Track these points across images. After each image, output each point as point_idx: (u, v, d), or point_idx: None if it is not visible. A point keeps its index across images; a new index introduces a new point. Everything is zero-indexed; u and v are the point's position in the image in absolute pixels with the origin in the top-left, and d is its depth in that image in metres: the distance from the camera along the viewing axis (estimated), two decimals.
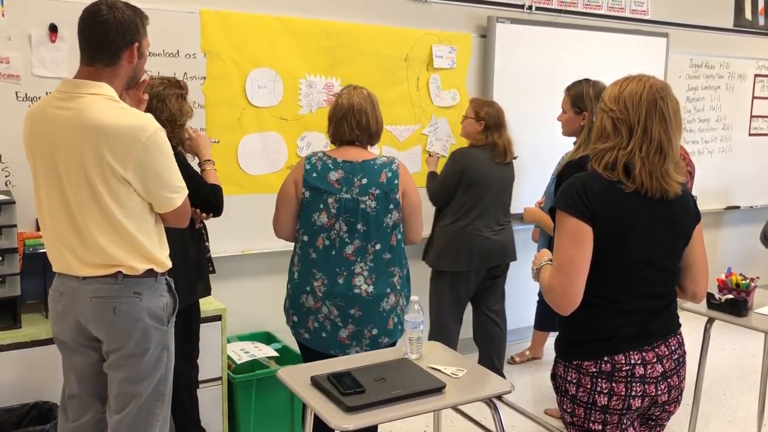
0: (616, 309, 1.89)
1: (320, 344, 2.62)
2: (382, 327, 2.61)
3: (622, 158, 1.85)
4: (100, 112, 1.94)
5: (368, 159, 2.61)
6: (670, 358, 1.93)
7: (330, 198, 2.55)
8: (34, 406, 2.66)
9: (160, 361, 2.12)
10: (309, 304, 2.60)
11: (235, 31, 3.47)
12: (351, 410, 1.89)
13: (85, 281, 2.04)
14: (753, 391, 4.05)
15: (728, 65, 5.51)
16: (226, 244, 3.55)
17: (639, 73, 1.93)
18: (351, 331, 2.59)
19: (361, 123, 2.61)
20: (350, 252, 2.56)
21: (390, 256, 2.61)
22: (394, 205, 2.59)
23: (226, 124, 3.52)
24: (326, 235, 2.57)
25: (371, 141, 2.68)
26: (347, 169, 2.58)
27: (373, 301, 2.58)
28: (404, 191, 2.62)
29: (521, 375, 4.24)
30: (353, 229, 2.55)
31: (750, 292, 3.06)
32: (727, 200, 5.70)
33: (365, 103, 2.62)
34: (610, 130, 1.89)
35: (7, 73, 2.99)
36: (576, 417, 1.93)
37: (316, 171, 2.58)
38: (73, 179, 1.98)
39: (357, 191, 2.56)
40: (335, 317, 2.58)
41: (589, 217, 1.83)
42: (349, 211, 2.55)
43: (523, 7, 4.44)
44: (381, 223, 2.57)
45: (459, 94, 4.22)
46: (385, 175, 2.58)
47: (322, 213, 2.57)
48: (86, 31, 2.01)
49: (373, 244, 2.57)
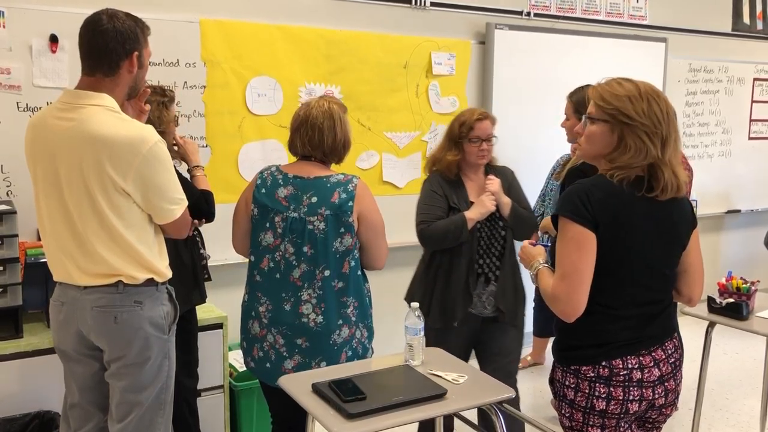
0: (613, 314, 1.89)
1: (264, 375, 2.43)
2: (332, 360, 2.37)
3: (655, 169, 1.85)
4: (100, 123, 1.95)
5: (321, 176, 2.37)
6: (666, 362, 1.94)
7: (277, 216, 2.36)
8: (36, 415, 2.66)
9: (161, 369, 2.12)
10: (255, 330, 2.44)
11: (234, 40, 3.49)
12: (352, 417, 1.88)
13: (86, 290, 2.04)
14: (755, 395, 4.03)
15: (727, 69, 5.52)
16: (226, 252, 3.53)
17: (626, 77, 1.92)
18: (297, 363, 2.38)
19: (313, 139, 2.37)
20: (297, 276, 2.35)
21: (342, 285, 2.37)
22: (345, 229, 2.34)
23: (227, 132, 3.53)
24: (271, 256, 2.38)
25: (328, 159, 2.43)
26: (297, 185, 2.36)
27: (323, 332, 2.36)
28: (361, 214, 2.36)
29: (523, 381, 4.21)
30: (300, 251, 2.34)
31: (751, 295, 3.05)
32: (727, 204, 5.70)
33: (323, 117, 2.37)
34: (649, 144, 1.83)
35: (9, 83, 3.00)
36: (574, 421, 1.93)
37: (266, 187, 2.40)
38: (74, 190, 1.98)
39: (305, 210, 2.34)
40: (280, 346, 2.39)
41: (592, 223, 1.82)
42: (295, 231, 2.34)
43: (521, 14, 4.45)
44: (330, 247, 2.34)
45: (458, 100, 4.23)
46: (338, 194, 2.33)
47: (268, 232, 2.38)
48: (86, 41, 2.02)
49: (321, 270, 2.34)
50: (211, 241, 3.02)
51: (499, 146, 2.92)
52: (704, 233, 2.05)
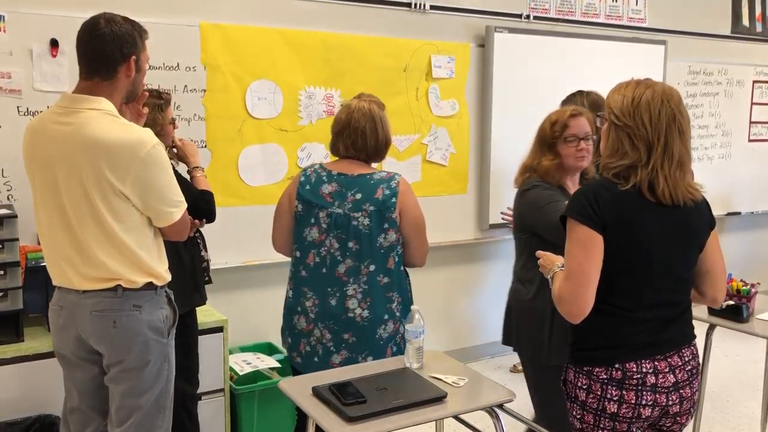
0: (628, 317, 1.88)
1: (311, 370, 2.43)
2: (378, 355, 2.43)
3: (646, 176, 1.83)
4: (98, 127, 1.95)
5: (365, 173, 2.45)
6: (683, 369, 1.91)
7: (321, 212, 2.42)
8: (37, 419, 2.66)
9: (160, 373, 2.12)
10: (301, 325, 2.48)
11: (234, 44, 3.50)
12: (352, 420, 1.88)
13: (85, 295, 2.04)
14: (756, 397, 4.03)
15: (726, 72, 5.52)
16: (227, 256, 3.56)
17: (645, 78, 1.90)
18: (344, 357, 2.43)
19: (357, 142, 2.44)
20: (342, 271, 2.41)
21: (387, 280, 2.43)
22: (389, 225, 2.40)
23: (227, 135, 3.53)
24: (317, 251, 2.43)
25: (371, 159, 2.50)
26: (341, 182, 2.43)
27: (369, 326, 2.41)
28: (403, 210, 2.42)
29: (522, 384, 4.23)
30: (345, 247, 2.40)
31: (751, 298, 3.05)
32: (727, 206, 5.70)
33: (364, 120, 2.42)
34: (628, 147, 1.83)
35: (9, 87, 3.01)
36: (585, 423, 1.92)
37: (310, 183, 2.46)
38: (73, 194, 1.99)
39: (349, 206, 2.40)
40: (328, 341, 2.43)
41: (600, 225, 1.82)
42: (340, 227, 2.40)
43: (521, 17, 4.46)
44: (375, 242, 2.40)
45: (458, 103, 4.24)
46: (381, 191, 2.40)
47: (313, 228, 2.44)
48: (84, 45, 2.02)
49: (366, 265, 2.40)
50: (211, 245, 3.02)
51: (498, 150, 2.89)
52: None
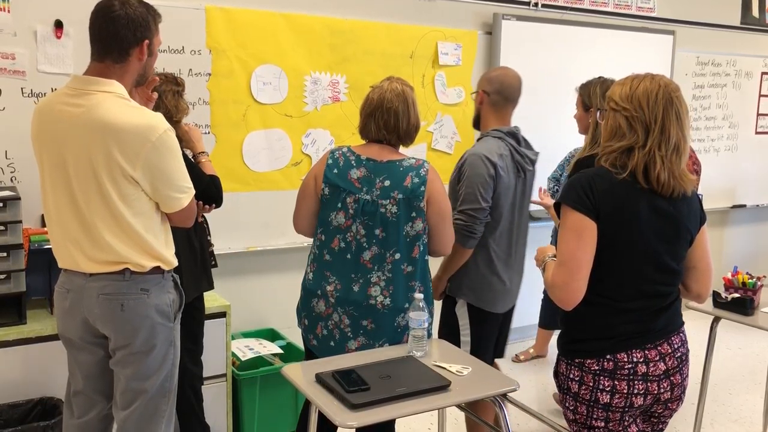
0: (618, 307, 1.89)
1: (327, 354, 2.41)
2: (394, 344, 2.41)
3: (642, 158, 1.84)
4: (109, 110, 1.94)
5: (394, 159, 2.40)
6: (672, 356, 1.93)
7: (349, 197, 2.37)
8: (39, 401, 2.67)
9: (166, 357, 2.12)
10: (320, 309, 2.44)
11: (240, 28, 3.47)
12: (356, 407, 1.88)
13: (92, 278, 2.04)
14: (759, 390, 4.03)
15: (735, 63, 5.48)
16: (230, 241, 3.55)
17: (647, 72, 1.93)
18: (360, 344, 2.41)
19: (389, 123, 2.40)
20: (367, 258, 2.38)
21: (411, 269, 2.40)
22: (417, 214, 2.37)
23: (231, 120, 3.51)
24: (342, 236, 2.40)
25: (401, 142, 2.46)
26: (370, 167, 2.39)
27: (389, 314, 2.39)
28: (430, 198, 2.38)
29: (526, 373, 4.24)
30: (371, 233, 2.37)
31: (756, 290, 3.04)
32: (733, 199, 5.68)
33: (397, 100, 2.39)
34: (625, 129, 1.87)
35: (13, 69, 2.99)
36: (578, 414, 1.94)
37: (338, 167, 2.40)
38: (82, 177, 1.97)
39: (378, 193, 2.36)
40: (345, 326, 2.41)
41: (594, 212, 1.83)
42: (367, 213, 2.37)
43: (528, 4, 4.42)
44: (401, 231, 2.37)
45: (464, 91, 4.21)
46: (410, 179, 2.36)
47: (339, 212, 2.39)
48: (97, 27, 2.00)
49: (392, 253, 2.37)
50: (215, 230, 3.02)
51: None
52: (709, 228, 2.05)
